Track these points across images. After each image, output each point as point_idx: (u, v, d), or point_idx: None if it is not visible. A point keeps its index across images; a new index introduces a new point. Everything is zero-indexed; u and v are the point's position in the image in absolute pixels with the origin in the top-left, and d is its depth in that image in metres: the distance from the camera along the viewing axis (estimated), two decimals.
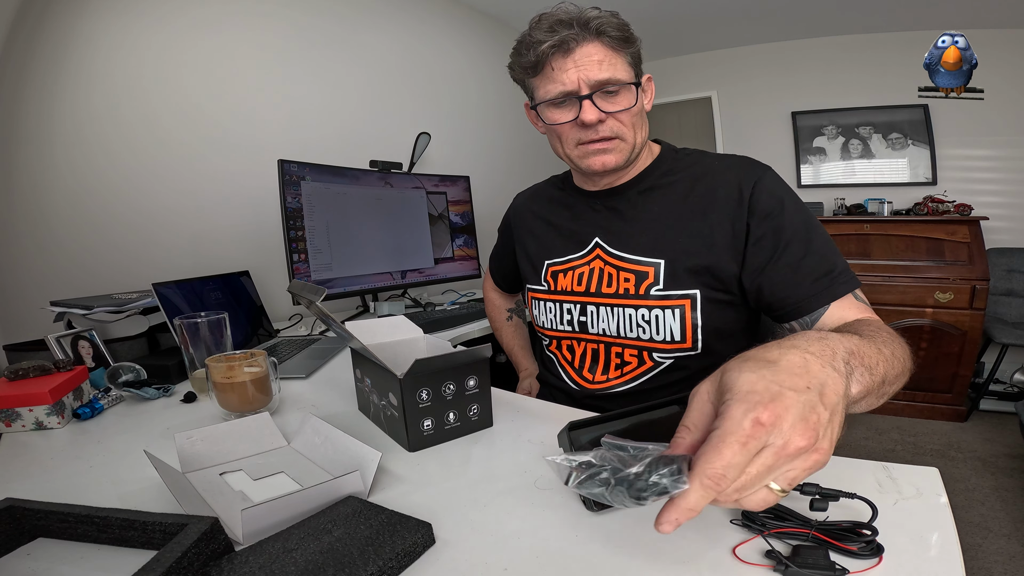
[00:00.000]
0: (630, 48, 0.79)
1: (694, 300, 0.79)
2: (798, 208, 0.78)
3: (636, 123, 0.81)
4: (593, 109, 0.77)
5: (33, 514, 0.49)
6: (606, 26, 0.76)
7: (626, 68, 0.79)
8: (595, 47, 0.77)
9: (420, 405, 0.68)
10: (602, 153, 0.82)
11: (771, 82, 3.36)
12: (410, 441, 0.68)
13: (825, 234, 0.77)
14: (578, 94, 0.78)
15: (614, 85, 0.77)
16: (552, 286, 0.93)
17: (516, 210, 1.07)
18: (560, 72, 0.78)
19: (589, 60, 0.76)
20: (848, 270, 0.75)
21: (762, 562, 0.43)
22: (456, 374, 0.70)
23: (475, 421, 0.73)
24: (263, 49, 1.74)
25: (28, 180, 1.27)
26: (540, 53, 0.77)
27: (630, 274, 0.83)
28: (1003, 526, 1.78)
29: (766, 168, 0.82)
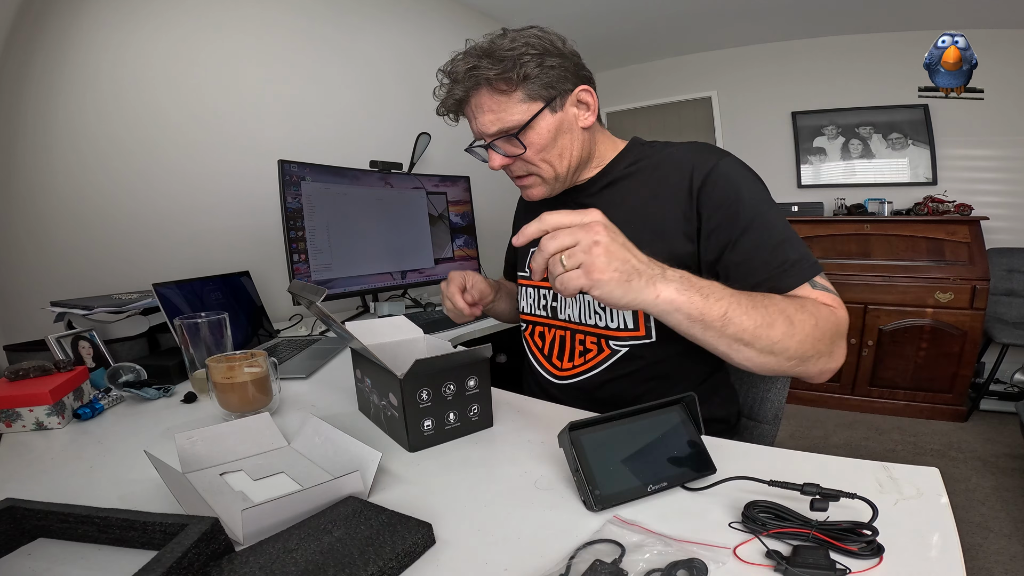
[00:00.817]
0: (518, 81, 0.75)
1: None
2: (753, 196, 0.75)
3: (548, 157, 0.81)
4: (496, 157, 0.82)
5: (33, 514, 0.49)
6: (483, 74, 0.74)
7: (518, 108, 0.76)
8: (482, 96, 0.77)
9: (420, 405, 0.68)
10: (527, 188, 0.87)
11: (771, 82, 3.36)
12: (410, 441, 0.68)
13: (780, 223, 0.74)
14: (483, 143, 0.81)
15: (504, 134, 0.78)
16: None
17: (519, 204, 1.13)
18: (469, 121, 0.83)
19: (480, 111, 0.78)
20: (802, 260, 0.71)
21: (762, 562, 0.43)
22: (456, 374, 0.70)
23: (475, 421, 0.73)
24: (263, 50, 1.74)
25: (28, 180, 1.27)
26: (446, 109, 0.83)
27: None
28: (1003, 526, 1.78)
29: (722, 155, 0.79)
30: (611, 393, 0.86)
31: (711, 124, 3.61)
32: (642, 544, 0.45)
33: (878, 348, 2.72)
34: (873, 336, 2.72)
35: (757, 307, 0.61)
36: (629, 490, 0.53)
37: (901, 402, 2.72)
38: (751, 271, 0.72)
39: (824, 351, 0.65)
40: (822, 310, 0.66)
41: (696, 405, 0.60)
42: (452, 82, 0.79)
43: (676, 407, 0.61)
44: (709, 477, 0.56)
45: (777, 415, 0.99)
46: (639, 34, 3.12)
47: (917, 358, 2.66)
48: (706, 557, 0.43)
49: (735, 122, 3.53)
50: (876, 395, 2.78)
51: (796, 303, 0.65)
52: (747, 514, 0.48)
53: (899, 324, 2.67)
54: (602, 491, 0.51)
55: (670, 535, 0.47)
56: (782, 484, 0.51)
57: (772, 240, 0.72)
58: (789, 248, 0.72)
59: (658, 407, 0.60)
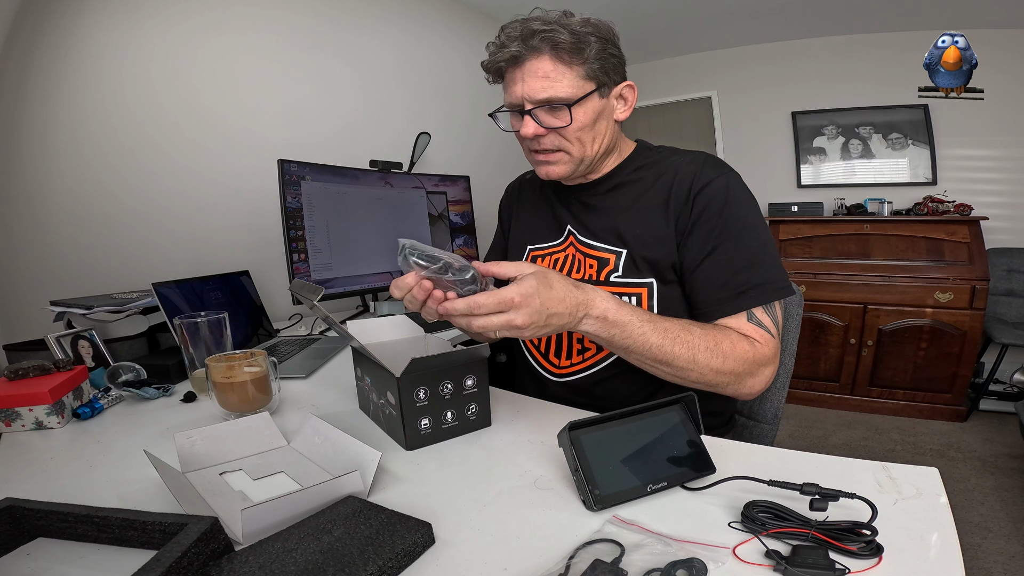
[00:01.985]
0: (583, 58, 0.76)
1: (650, 289, 0.82)
2: (739, 215, 0.78)
3: (583, 137, 0.81)
4: (531, 124, 0.79)
5: (33, 514, 0.49)
6: (556, 38, 0.74)
7: (574, 83, 0.77)
8: (542, 61, 0.76)
9: (417, 404, 0.68)
10: (547, 164, 0.85)
11: (771, 82, 3.36)
12: (408, 440, 0.68)
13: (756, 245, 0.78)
14: (522, 108, 0.79)
15: (555, 103, 0.77)
16: None
17: (509, 196, 1.10)
18: (510, 84, 0.80)
19: (534, 75, 0.77)
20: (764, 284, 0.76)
21: (762, 562, 0.43)
22: (454, 373, 0.70)
23: (473, 420, 0.73)
24: (263, 49, 1.74)
25: (28, 180, 1.27)
26: (493, 64, 0.80)
27: (594, 260, 0.87)
28: (1003, 526, 1.78)
29: (725, 171, 0.81)
30: (609, 390, 0.86)
31: (711, 124, 3.61)
32: (642, 544, 0.45)
33: (878, 348, 2.72)
34: (873, 336, 2.72)
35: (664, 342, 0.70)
36: (629, 490, 0.53)
37: (900, 402, 2.73)
38: (711, 287, 0.78)
39: (731, 382, 0.73)
40: (740, 348, 0.73)
41: (696, 405, 0.60)
42: (518, 38, 0.76)
43: (676, 407, 0.61)
44: (709, 477, 0.56)
45: (777, 415, 0.99)
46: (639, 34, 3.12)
47: (917, 358, 2.66)
48: (705, 557, 0.43)
49: (735, 122, 3.53)
50: (875, 395, 2.78)
51: (710, 340, 0.72)
52: (746, 514, 0.48)
53: (899, 324, 2.67)
54: (602, 491, 0.51)
55: (669, 535, 0.47)
56: (781, 484, 0.51)
57: (740, 262, 0.77)
58: (755, 272, 0.76)
59: (658, 407, 0.60)
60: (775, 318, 0.78)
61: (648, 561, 0.43)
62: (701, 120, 3.66)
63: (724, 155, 3.55)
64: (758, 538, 0.46)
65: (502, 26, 0.80)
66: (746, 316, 0.76)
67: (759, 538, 0.46)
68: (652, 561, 0.43)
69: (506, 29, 0.79)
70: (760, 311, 0.77)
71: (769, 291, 0.76)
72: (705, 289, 0.79)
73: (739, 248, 0.77)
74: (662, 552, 0.44)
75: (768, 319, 0.77)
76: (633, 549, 0.44)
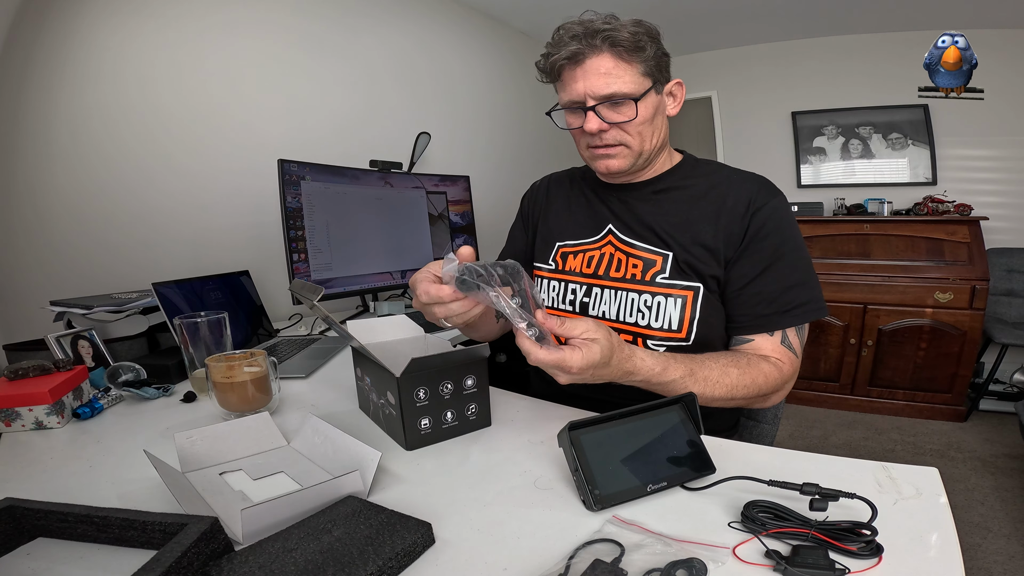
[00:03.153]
0: (642, 56, 0.79)
1: (696, 293, 0.83)
2: (793, 238, 0.82)
3: (644, 131, 0.83)
4: (595, 120, 0.81)
5: (33, 514, 0.49)
6: (616, 36, 0.77)
7: (635, 79, 0.79)
8: (604, 59, 0.78)
9: (417, 404, 0.68)
10: (607, 158, 0.86)
11: (771, 82, 3.36)
12: (407, 440, 0.68)
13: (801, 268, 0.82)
14: (584, 104, 0.81)
15: (618, 98, 0.79)
16: (560, 266, 0.96)
17: (535, 193, 1.09)
18: (571, 82, 0.81)
19: (596, 72, 0.79)
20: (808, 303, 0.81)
21: (762, 562, 0.43)
22: (454, 373, 0.70)
23: (473, 420, 0.73)
24: (263, 49, 1.74)
25: (28, 180, 1.27)
26: (553, 63, 0.81)
27: (638, 260, 0.87)
28: (1003, 526, 1.78)
29: (778, 193, 0.85)
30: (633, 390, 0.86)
31: (711, 124, 3.61)
32: (641, 544, 0.45)
33: (877, 348, 2.72)
34: (872, 336, 2.72)
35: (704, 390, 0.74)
36: (628, 490, 0.53)
37: (900, 402, 2.72)
38: (760, 304, 0.81)
39: (756, 403, 0.80)
40: (771, 377, 0.78)
41: (696, 405, 0.60)
42: (580, 36, 0.78)
43: (676, 407, 0.61)
44: (708, 477, 0.56)
45: (777, 415, 0.99)
46: None
47: (916, 358, 2.66)
48: (705, 557, 0.43)
49: (735, 122, 3.53)
50: (875, 395, 2.78)
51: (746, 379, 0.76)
52: (746, 514, 0.48)
53: (898, 324, 2.67)
54: (602, 491, 0.51)
55: (669, 535, 0.47)
56: (781, 484, 0.51)
57: (790, 281, 0.81)
58: (802, 291, 0.81)
59: (658, 407, 0.60)
60: (803, 338, 0.83)
61: (648, 561, 0.43)
62: (701, 120, 3.66)
63: (724, 155, 3.55)
64: (758, 538, 0.46)
65: (558, 26, 0.82)
66: (780, 338, 0.81)
67: (759, 538, 0.46)
68: (652, 561, 0.43)
69: (563, 28, 0.81)
70: (793, 332, 0.82)
71: (811, 310, 0.81)
72: (752, 304, 0.81)
73: (790, 268, 0.81)
74: (662, 552, 0.44)
75: (797, 341, 0.82)
76: (633, 549, 0.44)
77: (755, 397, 0.77)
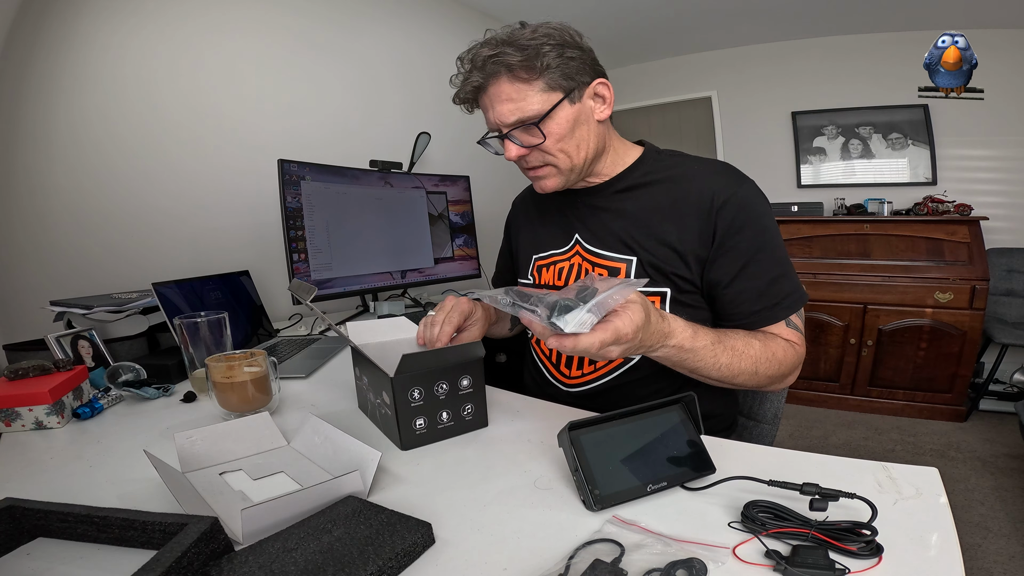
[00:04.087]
0: (540, 72, 0.74)
1: (664, 297, 0.81)
2: (766, 228, 0.79)
3: (566, 147, 0.80)
4: (512, 147, 0.80)
5: (33, 514, 0.49)
6: (506, 59, 0.74)
7: (539, 97, 0.75)
8: (501, 85, 0.76)
9: (412, 404, 0.68)
10: (538, 179, 0.85)
11: (771, 82, 3.36)
12: (402, 440, 0.68)
13: (782, 254, 0.81)
14: (500, 133, 0.80)
15: (525, 123, 0.77)
16: (537, 280, 0.96)
17: (515, 208, 1.10)
18: (484, 111, 0.81)
19: (499, 99, 0.77)
20: (793, 293, 0.80)
21: (762, 562, 0.43)
22: (449, 373, 0.70)
23: (469, 421, 0.73)
24: (263, 50, 1.74)
25: (28, 180, 1.27)
26: (464, 99, 0.81)
27: (604, 270, 0.85)
28: (1003, 526, 1.78)
29: (744, 181, 0.81)
30: (621, 396, 0.85)
31: (711, 124, 3.61)
32: (641, 544, 0.45)
33: (877, 348, 2.72)
34: (872, 336, 2.72)
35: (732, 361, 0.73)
36: (628, 490, 0.53)
37: (900, 402, 2.72)
38: (749, 300, 0.79)
39: (777, 382, 0.79)
40: (788, 353, 0.77)
41: (696, 405, 0.60)
42: (472, 68, 0.77)
43: (676, 407, 0.61)
44: (708, 477, 0.56)
45: (777, 415, 0.99)
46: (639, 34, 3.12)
47: (916, 358, 2.66)
48: (705, 557, 0.43)
49: (735, 122, 3.53)
50: (875, 395, 2.78)
51: (768, 351, 0.75)
52: (746, 514, 0.48)
53: (898, 324, 2.67)
54: (602, 491, 0.51)
55: (669, 535, 0.47)
56: (781, 484, 0.51)
57: (773, 273, 0.79)
58: (785, 281, 0.80)
59: (658, 407, 0.60)
60: (802, 318, 0.82)
61: (648, 561, 0.43)
62: (701, 120, 3.65)
63: (724, 155, 3.55)
64: (758, 538, 0.46)
65: (458, 56, 0.80)
66: (785, 322, 0.80)
67: (759, 538, 0.46)
68: (652, 561, 0.43)
69: (461, 59, 0.79)
70: (796, 316, 0.81)
71: (797, 299, 0.80)
72: (742, 303, 0.80)
73: (769, 261, 0.79)
74: (662, 552, 0.44)
75: (799, 321, 0.82)
76: (633, 549, 0.44)
77: (777, 376, 0.76)
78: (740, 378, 0.73)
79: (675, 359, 0.69)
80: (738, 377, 0.73)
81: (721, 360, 0.71)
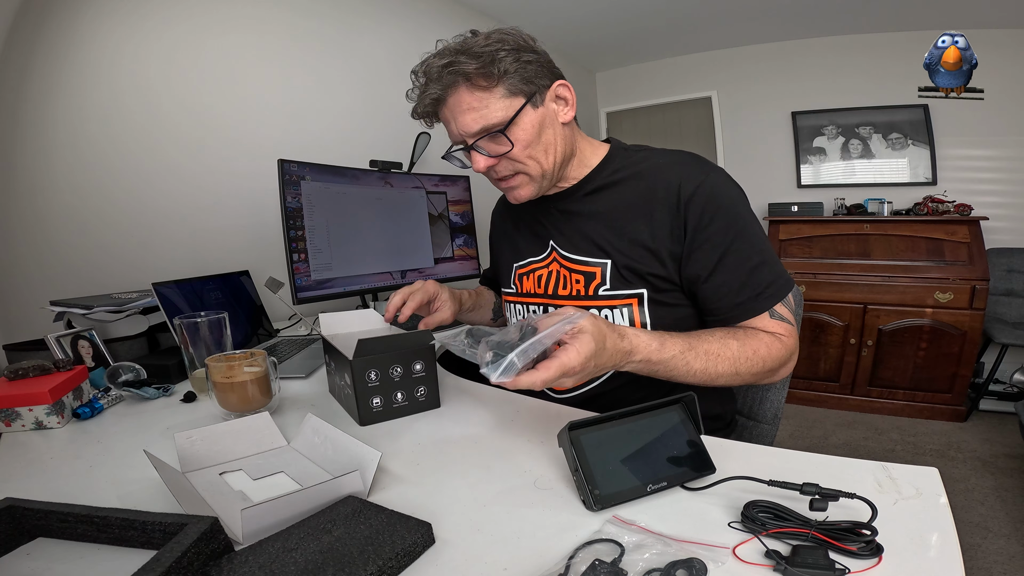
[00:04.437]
0: (499, 75, 0.73)
1: (641, 299, 0.79)
2: (739, 215, 0.77)
3: (534, 153, 0.78)
4: (481, 158, 0.78)
5: (33, 514, 0.49)
6: (462, 67, 0.72)
7: (500, 104, 0.74)
8: (461, 95, 0.74)
9: (369, 384, 0.75)
10: (511, 190, 0.83)
11: (771, 82, 3.36)
12: (360, 416, 0.75)
13: (759, 242, 0.78)
14: (464, 144, 0.78)
15: (489, 131, 0.75)
16: (519, 288, 0.95)
17: (494, 219, 1.10)
18: (446, 124, 0.80)
19: (460, 110, 0.75)
20: (776, 280, 0.77)
21: (762, 562, 0.43)
22: (402, 358, 0.77)
23: (422, 402, 0.80)
24: (263, 49, 1.74)
25: (28, 180, 1.27)
26: (423, 113, 0.79)
27: (580, 275, 0.84)
28: (1003, 526, 1.78)
29: (710, 170, 0.79)
30: (613, 400, 0.85)
31: (711, 124, 3.61)
32: (641, 544, 0.45)
33: (877, 348, 2.72)
34: (872, 336, 2.72)
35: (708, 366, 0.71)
36: (628, 490, 0.53)
37: (900, 402, 2.73)
38: (730, 293, 0.77)
39: (766, 378, 0.76)
40: (774, 348, 0.74)
41: (696, 405, 0.60)
42: (428, 81, 0.75)
43: (676, 407, 0.61)
44: (708, 477, 0.56)
45: (777, 415, 0.99)
46: (639, 34, 3.12)
47: (916, 358, 2.66)
48: (705, 557, 0.43)
49: (735, 122, 3.53)
50: (875, 395, 2.78)
51: (747, 350, 0.72)
52: (746, 514, 0.48)
53: (899, 324, 2.67)
54: (602, 491, 0.51)
55: (669, 535, 0.47)
56: (781, 484, 0.51)
57: (752, 262, 0.76)
58: (766, 270, 0.77)
59: (657, 407, 0.60)
60: (790, 307, 0.79)
61: (648, 561, 0.43)
62: (701, 120, 3.66)
63: (724, 155, 3.56)
64: (758, 538, 0.46)
65: (412, 70, 0.79)
66: (768, 314, 0.77)
67: (759, 538, 0.46)
68: (652, 561, 0.43)
69: (416, 72, 0.78)
70: (779, 306, 0.77)
71: (782, 286, 0.77)
72: (722, 296, 0.77)
73: (747, 249, 0.76)
74: (662, 552, 0.44)
75: (787, 311, 0.78)
76: (633, 549, 0.44)
77: (762, 372, 0.73)
78: (720, 380, 0.72)
79: (646, 371, 0.69)
80: (718, 380, 0.72)
81: (694, 366, 0.69)
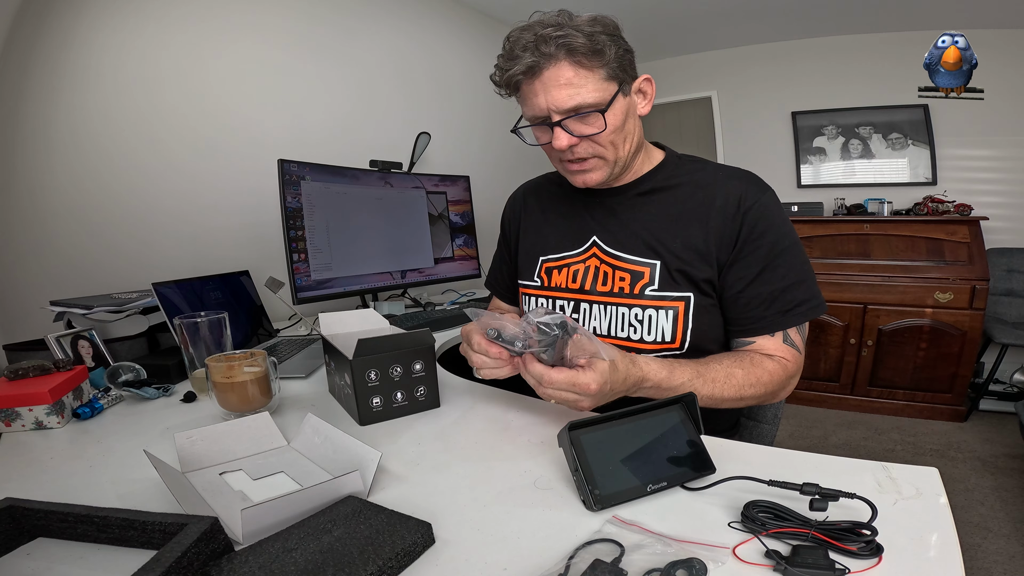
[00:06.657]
0: (603, 59, 0.73)
1: (688, 303, 0.80)
2: (784, 237, 0.79)
3: (616, 140, 0.79)
4: (564, 136, 0.76)
5: (33, 514, 0.49)
6: (572, 42, 0.71)
7: (599, 86, 0.74)
8: (561, 68, 0.72)
9: (369, 384, 0.74)
10: (582, 172, 0.82)
11: (771, 82, 3.36)
12: (360, 416, 0.75)
13: (799, 267, 0.80)
14: (549, 120, 0.76)
15: (584, 110, 0.74)
16: (546, 282, 0.93)
17: (514, 204, 1.05)
18: (531, 96, 0.76)
19: (556, 84, 0.73)
20: (809, 300, 0.79)
21: (762, 562, 0.43)
22: (402, 358, 0.77)
23: (422, 401, 0.80)
24: (264, 50, 1.74)
25: (28, 180, 1.27)
26: (509, 79, 0.76)
27: (626, 273, 0.84)
28: (1003, 526, 1.78)
29: (766, 189, 0.82)
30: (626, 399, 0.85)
31: (711, 124, 3.61)
32: (641, 544, 0.45)
33: (877, 348, 2.72)
34: (872, 336, 2.72)
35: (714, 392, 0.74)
36: (628, 490, 0.53)
37: (900, 402, 2.72)
38: (759, 306, 0.79)
39: (767, 400, 0.79)
40: (776, 375, 0.77)
41: (696, 405, 0.60)
42: (533, 45, 0.72)
43: (676, 407, 0.61)
44: (708, 477, 0.56)
45: (777, 415, 0.99)
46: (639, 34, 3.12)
47: (916, 358, 2.66)
48: (705, 557, 0.43)
49: (735, 122, 3.53)
50: (875, 395, 2.78)
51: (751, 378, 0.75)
52: (746, 514, 0.48)
53: (898, 324, 2.67)
54: (602, 491, 0.51)
55: (669, 535, 0.47)
56: (781, 484, 0.51)
57: (787, 280, 0.79)
58: (802, 289, 0.79)
59: (658, 407, 0.60)
60: (804, 334, 0.81)
61: (648, 561, 0.43)
62: (701, 120, 3.66)
63: (724, 155, 3.55)
64: (758, 538, 0.46)
65: (507, 36, 0.76)
66: (782, 336, 0.79)
67: (759, 538, 0.46)
68: (652, 561, 0.43)
69: (513, 39, 0.75)
70: (794, 329, 0.80)
71: (811, 308, 0.79)
72: (751, 307, 0.79)
73: (788, 266, 0.79)
74: (662, 552, 0.44)
75: (799, 337, 0.81)
76: (633, 549, 0.44)
77: (762, 396, 0.77)
78: (724, 404, 0.75)
79: (655, 395, 0.71)
80: (722, 404, 0.75)
81: (702, 392, 0.72)
